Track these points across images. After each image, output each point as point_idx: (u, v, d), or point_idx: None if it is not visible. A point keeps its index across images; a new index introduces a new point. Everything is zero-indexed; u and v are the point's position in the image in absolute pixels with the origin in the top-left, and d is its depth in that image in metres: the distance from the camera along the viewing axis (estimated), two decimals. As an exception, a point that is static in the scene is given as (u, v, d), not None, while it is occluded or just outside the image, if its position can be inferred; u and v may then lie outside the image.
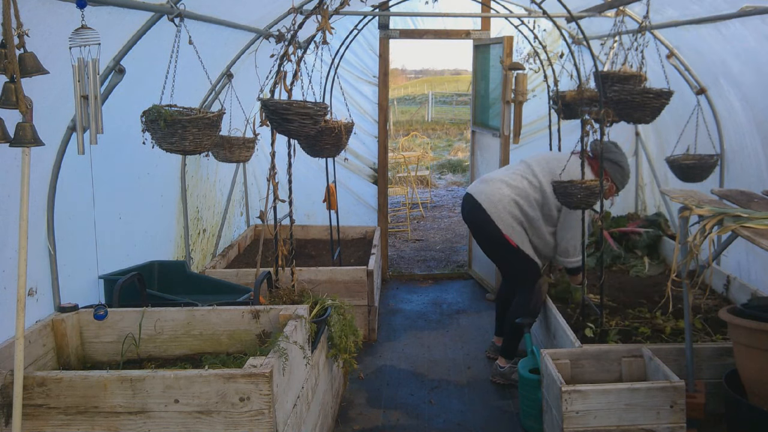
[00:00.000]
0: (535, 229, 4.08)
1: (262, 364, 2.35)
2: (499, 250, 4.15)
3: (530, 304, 4.07)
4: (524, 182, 4.09)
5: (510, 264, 4.23)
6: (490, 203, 4.04)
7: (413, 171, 10.43)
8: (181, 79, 3.13)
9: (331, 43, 4.08)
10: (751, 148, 4.16)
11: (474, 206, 4.11)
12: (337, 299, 3.46)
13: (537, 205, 4.05)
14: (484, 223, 4.07)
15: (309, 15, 3.51)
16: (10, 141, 2.04)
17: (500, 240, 4.04)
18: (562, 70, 5.08)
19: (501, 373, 4.19)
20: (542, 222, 4.08)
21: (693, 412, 3.04)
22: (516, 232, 4.03)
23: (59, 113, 2.81)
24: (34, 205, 2.78)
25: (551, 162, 4.13)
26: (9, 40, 1.93)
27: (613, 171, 4.06)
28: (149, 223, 4.03)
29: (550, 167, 4.08)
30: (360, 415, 3.80)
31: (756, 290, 3.95)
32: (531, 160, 4.24)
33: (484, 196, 4.09)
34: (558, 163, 4.07)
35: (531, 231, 4.09)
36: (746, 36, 3.67)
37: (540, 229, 4.08)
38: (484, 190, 4.12)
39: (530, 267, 4.09)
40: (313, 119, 3.22)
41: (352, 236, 6.12)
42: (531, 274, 4.10)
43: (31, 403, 2.29)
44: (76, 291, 3.09)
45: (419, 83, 35.01)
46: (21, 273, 2.08)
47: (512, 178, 4.13)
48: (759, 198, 3.03)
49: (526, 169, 4.15)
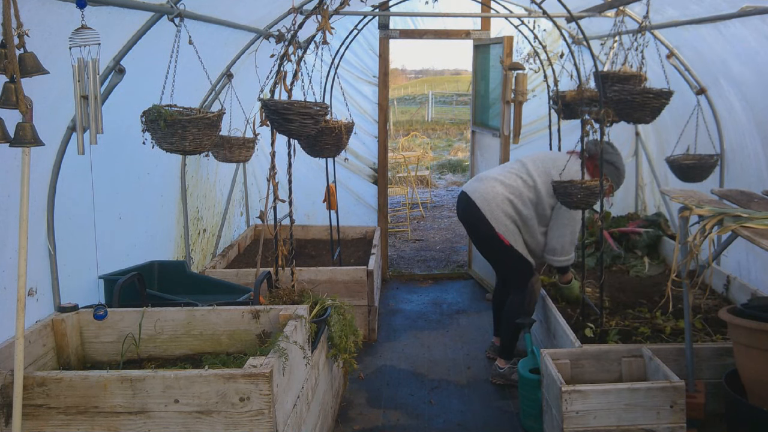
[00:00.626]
0: (528, 227, 4.09)
1: (262, 364, 2.35)
2: (492, 248, 4.16)
3: (524, 302, 4.08)
4: (519, 181, 4.09)
5: (503, 263, 4.24)
6: (485, 201, 4.05)
7: (413, 171, 10.44)
8: (181, 79, 3.13)
9: (331, 43, 4.07)
10: (751, 148, 4.16)
11: (468, 204, 4.12)
12: (337, 299, 3.46)
13: (531, 204, 4.06)
14: (478, 222, 4.08)
15: (309, 15, 3.51)
16: (10, 141, 2.03)
17: (494, 238, 4.05)
18: (562, 70, 5.07)
19: (500, 374, 4.19)
20: (536, 221, 4.08)
21: (693, 412, 3.05)
22: (509, 231, 4.03)
23: (59, 113, 2.81)
24: (34, 205, 2.78)
25: (546, 161, 4.14)
26: (9, 40, 1.93)
27: (608, 171, 4.07)
28: (149, 223, 4.03)
29: (546, 166, 4.09)
30: (360, 415, 3.80)
31: (756, 290, 3.95)
32: (526, 159, 4.25)
33: (478, 194, 4.09)
34: (553, 163, 4.08)
35: (524, 230, 4.10)
36: (746, 36, 3.67)
37: (533, 228, 4.09)
38: (479, 189, 4.13)
39: (523, 266, 4.10)
40: (314, 119, 3.22)
41: (352, 236, 6.13)
42: (524, 273, 4.11)
43: (31, 403, 2.28)
44: (76, 291, 3.09)
45: (419, 83, 35.00)
46: (21, 273, 2.08)
47: (507, 177, 4.13)
48: (759, 198, 3.03)
49: (521, 168, 4.16)
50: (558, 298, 4.32)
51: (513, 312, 4.08)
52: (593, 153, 4.00)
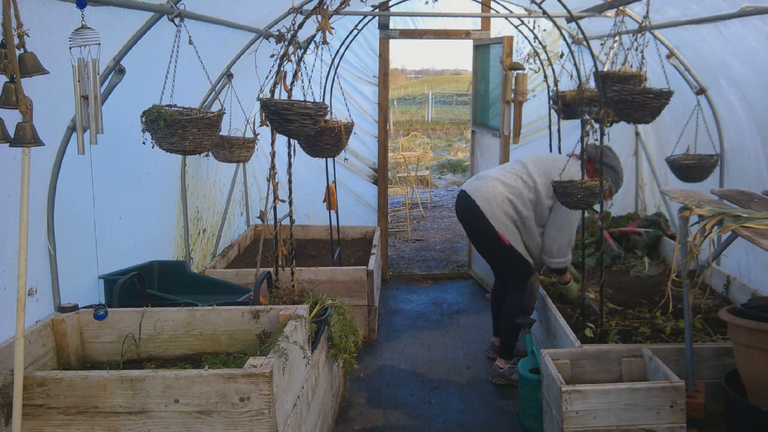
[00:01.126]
0: (527, 228, 4.10)
1: (262, 364, 2.35)
2: (492, 247, 4.17)
3: (523, 302, 4.09)
4: (519, 181, 4.10)
5: (502, 262, 4.25)
6: (485, 200, 4.06)
7: (413, 171, 10.44)
8: (181, 79, 3.13)
9: (331, 43, 4.07)
10: (751, 148, 4.16)
11: (468, 203, 4.13)
12: (337, 299, 3.46)
13: (531, 204, 4.07)
14: (477, 220, 4.09)
15: (309, 15, 3.51)
16: (10, 141, 2.04)
17: (494, 237, 4.05)
18: (562, 70, 5.07)
19: (500, 373, 4.19)
20: (534, 222, 4.09)
21: (693, 412, 3.05)
22: (509, 231, 4.04)
23: (59, 113, 2.81)
24: (34, 205, 2.78)
25: (546, 162, 4.16)
26: (9, 40, 1.93)
27: (607, 174, 4.08)
28: (149, 223, 4.03)
29: (546, 167, 4.11)
30: (360, 415, 3.80)
31: (756, 290, 3.95)
32: (527, 159, 4.26)
33: (479, 193, 4.10)
34: (553, 164, 4.10)
35: (523, 230, 4.11)
36: (746, 36, 3.67)
37: (531, 228, 4.10)
38: (479, 187, 4.13)
39: (522, 265, 4.11)
40: (313, 119, 3.22)
41: (352, 236, 6.12)
42: (523, 273, 4.11)
43: (31, 403, 2.28)
44: (76, 291, 3.09)
45: (419, 83, 35.00)
46: (21, 273, 2.08)
47: (507, 177, 4.14)
48: (759, 198, 3.03)
49: (522, 169, 4.17)
50: (557, 297, 4.32)
51: (512, 311, 4.09)
52: (593, 156, 4.02)
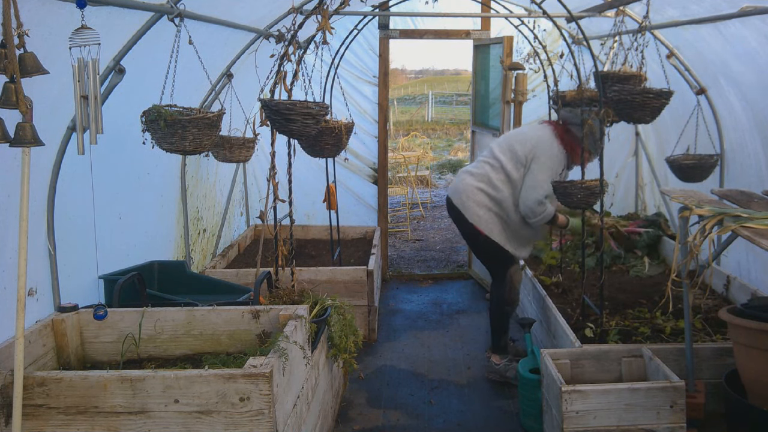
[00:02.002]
0: (504, 209, 4.08)
1: (262, 364, 2.35)
2: (472, 241, 4.26)
3: (505, 293, 4.13)
4: (486, 167, 4.15)
5: (482, 253, 4.31)
6: (458, 197, 4.16)
7: (413, 171, 10.44)
8: (181, 79, 3.13)
9: (331, 43, 4.07)
10: (751, 148, 4.16)
11: (450, 205, 4.26)
12: (337, 299, 3.46)
13: (502, 184, 4.07)
14: (458, 218, 4.18)
15: (309, 15, 3.51)
16: (10, 141, 2.04)
17: (471, 231, 4.12)
18: (562, 70, 5.07)
19: (496, 370, 4.20)
20: (510, 201, 4.07)
21: (693, 412, 3.04)
22: (483, 220, 4.06)
23: (59, 113, 2.81)
24: (34, 205, 2.78)
25: (511, 138, 4.22)
26: (9, 40, 1.93)
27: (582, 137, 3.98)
28: (149, 223, 4.02)
29: (508, 143, 4.15)
30: (360, 415, 3.80)
31: (756, 290, 3.95)
32: (494, 142, 4.36)
33: (453, 191, 4.23)
34: (519, 137, 4.16)
35: (503, 214, 4.08)
36: (746, 36, 3.67)
37: (508, 208, 4.08)
38: (454, 185, 4.27)
39: (501, 255, 4.13)
40: (315, 119, 3.22)
41: (352, 236, 6.12)
42: (502, 263, 4.15)
43: (31, 403, 2.28)
44: (76, 291, 3.09)
45: (419, 83, 35.01)
46: (21, 273, 2.08)
47: (476, 166, 4.23)
48: (759, 198, 3.03)
49: (488, 154, 4.23)
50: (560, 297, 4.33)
51: (495, 304, 4.16)
52: (566, 119, 4.09)
